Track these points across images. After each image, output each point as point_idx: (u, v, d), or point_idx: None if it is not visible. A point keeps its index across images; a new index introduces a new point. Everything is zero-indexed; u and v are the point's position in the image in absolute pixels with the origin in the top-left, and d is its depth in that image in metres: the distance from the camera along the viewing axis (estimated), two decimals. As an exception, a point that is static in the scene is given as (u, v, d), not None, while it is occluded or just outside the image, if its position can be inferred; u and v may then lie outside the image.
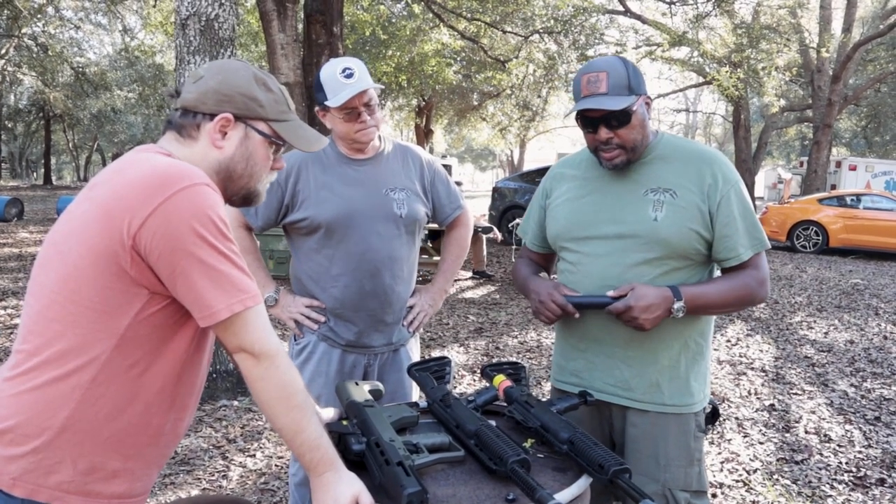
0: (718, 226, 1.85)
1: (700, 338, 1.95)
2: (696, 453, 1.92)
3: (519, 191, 14.18)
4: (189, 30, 4.67)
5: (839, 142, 34.31)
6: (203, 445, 4.08)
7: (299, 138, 1.52)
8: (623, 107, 1.79)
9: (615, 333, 1.90)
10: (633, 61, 1.94)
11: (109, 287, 1.25)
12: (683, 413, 1.91)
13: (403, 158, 2.49)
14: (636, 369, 1.91)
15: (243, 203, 1.54)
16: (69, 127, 38.89)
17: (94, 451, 1.29)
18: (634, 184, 1.92)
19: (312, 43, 8.74)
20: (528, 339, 6.82)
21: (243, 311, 1.29)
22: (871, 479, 3.83)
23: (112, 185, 1.28)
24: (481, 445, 1.52)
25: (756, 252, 1.88)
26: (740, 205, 1.86)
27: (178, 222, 1.23)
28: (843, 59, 19.63)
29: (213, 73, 1.45)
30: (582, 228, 1.96)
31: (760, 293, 1.89)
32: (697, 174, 1.87)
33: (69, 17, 26.92)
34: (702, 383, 1.96)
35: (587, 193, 1.99)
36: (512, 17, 15.99)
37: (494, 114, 25.40)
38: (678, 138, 1.99)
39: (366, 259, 2.33)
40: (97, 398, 1.28)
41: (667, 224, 1.84)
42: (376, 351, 2.44)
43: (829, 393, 5.35)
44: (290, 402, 1.33)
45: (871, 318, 8.20)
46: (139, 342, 1.30)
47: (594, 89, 1.81)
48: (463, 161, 66.57)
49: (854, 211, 14.56)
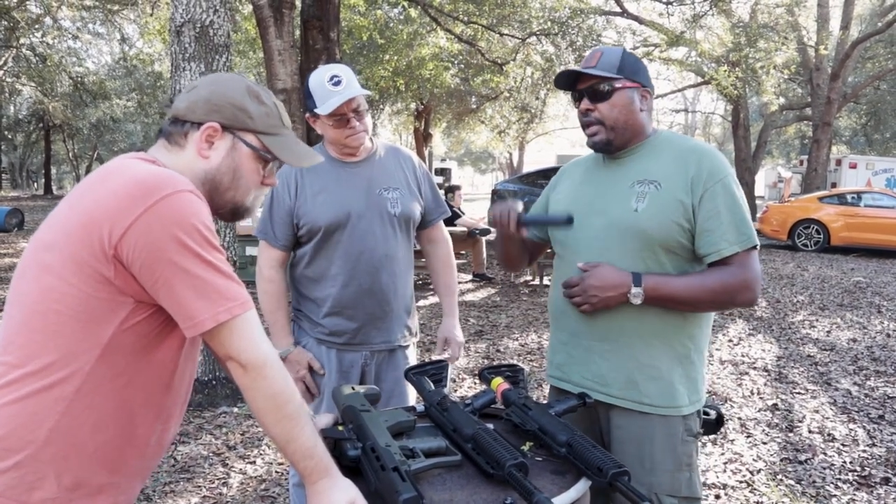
0: (700, 219, 1.81)
1: (689, 341, 1.89)
2: (684, 458, 1.86)
3: (519, 193, 14.14)
4: (184, 37, 4.67)
5: (839, 140, 34.28)
6: (203, 452, 4.06)
7: (289, 153, 1.48)
8: (600, 74, 1.85)
9: (593, 326, 1.90)
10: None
11: (93, 296, 1.23)
12: (669, 415, 1.85)
13: (395, 159, 2.54)
14: (612, 363, 1.88)
15: (232, 217, 1.50)
16: (69, 137, 38.93)
17: (79, 466, 1.26)
18: (623, 176, 1.92)
19: (309, 49, 8.74)
20: (528, 341, 6.80)
21: (230, 320, 1.26)
22: (875, 478, 3.80)
23: (94, 193, 1.26)
24: (478, 449, 1.50)
25: (742, 249, 1.80)
26: (727, 199, 1.81)
27: (160, 231, 1.21)
28: (841, 56, 19.60)
29: (207, 84, 1.44)
30: (576, 217, 1.94)
31: (744, 295, 1.80)
32: (684, 166, 1.84)
33: (67, 27, 26.92)
34: (690, 387, 1.89)
35: (583, 185, 2.03)
36: (509, 20, 15.99)
37: (493, 116, 25.41)
38: (675, 135, 1.99)
39: (363, 259, 2.39)
40: (82, 410, 1.25)
41: (647, 215, 1.83)
42: (374, 349, 2.47)
43: (833, 392, 5.33)
44: (282, 412, 1.31)
45: (874, 316, 8.17)
46: (124, 352, 1.27)
47: (586, 63, 1.90)
48: (462, 164, 66.62)
49: (855, 209, 14.55)
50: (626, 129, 1.90)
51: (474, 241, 10.12)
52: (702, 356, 1.94)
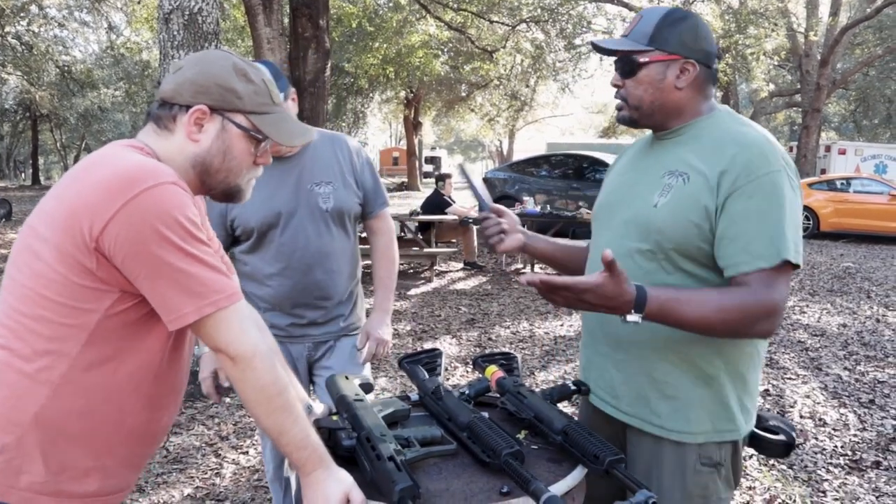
0: (722, 223, 1.50)
1: (717, 358, 1.59)
2: (695, 489, 1.61)
3: (509, 181, 14.12)
4: (172, 24, 4.62)
5: (828, 126, 34.40)
6: (195, 443, 4.05)
7: (280, 131, 1.45)
8: (620, 49, 1.62)
9: (608, 331, 1.70)
10: (696, 21, 1.63)
11: (78, 284, 1.23)
12: (682, 442, 1.61)
13: (331, 149, 2.48)
14: (624, 375, 1.67)
15: (224, 198, 1.48)
16: (56, 126, 38.63)
17: (65, 449, 1.27)
18: (658, 163, 1.67)
19: (299, 36, 8.67)
20: (520, 329, 6.80)
21: (215, 313, 1.25)
22: (866, 461, 3.83)
23: (78, 183, 1.25)
24: (474, 438, 1.49)
25: (769, 266, 1.45)
26: (764, 203, 1.46)
27: (140, 224, 1.19)
28: (830, 43, 19.63)
29: (192, 64, 1.40)
30: (603, 208, 1.78)
31: (764, 325, 1.45)
32: (718, 158, 1.53)
33: (53, 16, 26.64)
34: (719, 414, 1.61)
35: (626, 171, 1.80)
36: (499, 7, 15.96)
37: (483, 104, 25.40)
38: (732, 117, 1.66)
39: (296, 257, 2.40)
40: (68, 395, 1.25)
41: (665, 212, 1.56)
42: (316, 339, 2.49)
43: (823, 377, 5.36)
44: (272, 404, 1.30)
45: (863, 301, 8.22)
46: (110, 338, 1.27)
47: (626, 30, 1.67)
48: (452, 152, 66.56)
49: (844, 195, 14.59)
50: (654, 108, 1.64)
51: (465, 230, 10.10)
52: (740, 379, 1.62)
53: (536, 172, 13.76)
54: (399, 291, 8.35)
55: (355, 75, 20.11)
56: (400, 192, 30.64)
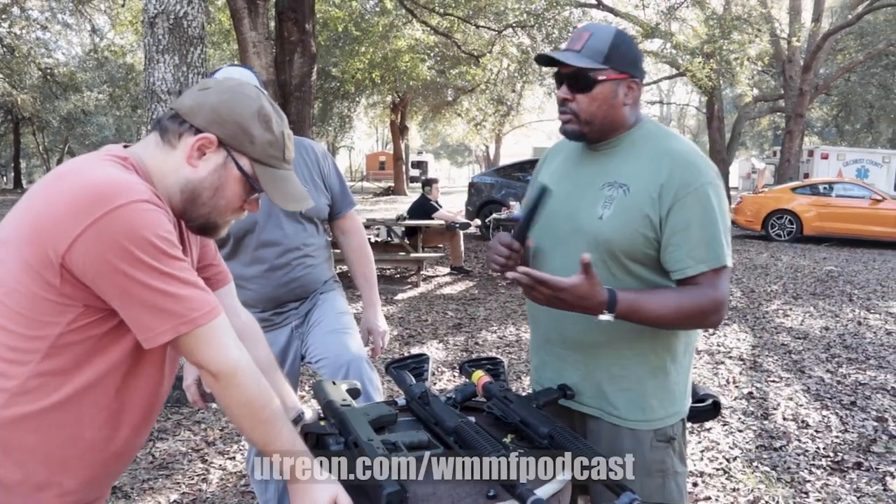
0: (667, 232, 1.65)
1: (665, 352, 1.77)
2: (654, 464, 1.76)
3: (495, 186, 14.17)
4: (157, 28, 4.60)
5: (811, 131, 34.69)
6: (182, 449, 4.03)
7: (278, 190, 1.40)
8: (579, 65, 1.66)
9: (565, 336, 1.81)
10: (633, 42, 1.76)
11: (40, 296, 1.19)
12: (638, 429, 1.76)
13: (300, 153, 2.56)
14: (582, 373, 1.80)
15: (199, 232, 1.43)
16: (39, 129, 38.20)
17: (18, 461, 1.23)
18: (596, 175, 1.76)
19: (284, 40, 8.66)
20: (507, 333, 6.82)
21: (193, 330, 1.22)
22: (848, 462, 3.87)
23: (47, 193, 1.21)
24: (461, 442, 1.50)
25: (711, 268, 1.64)
26: (700, 213, 1.64)
27: (110, 244, 1.15)
28: (813, 48, 19.82)
29: (221, 91, 1.35)
30: (545, 217, 1.76)
31: (713, 317, 1.67)
32: (655, 171, 1.67)
33: (35, 18, 26.46)
34: (665, 399, 1.79)
35: (561, 178, 1.85)
36: (485, 12, 16.00)
37: (469, 109, 25.40)
38: (660, 129, 1.80)
39: (275, 259, 2.50)
40: (23, 404, 1.22)
41: (611, 224, 1.68)
42: (299, 313, 2.61)
43: (806, 379, 5.41)
44: (257, 418, 1.29)
45: (846, 304, 8.30)
46: (70, 351, 1.23)
47: (572, 45, 1.72)
48: (439, 157, 66.59)
49: (827, 199, 14.74)
50: (604, 123, 1.73)
51: (452, 234, 10.11)
52: (680, 367, 1.81)
53: (523, 177, 13.81)
54: (386, 296, 8.35)
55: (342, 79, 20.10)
56: (387, 196, 30.63)
